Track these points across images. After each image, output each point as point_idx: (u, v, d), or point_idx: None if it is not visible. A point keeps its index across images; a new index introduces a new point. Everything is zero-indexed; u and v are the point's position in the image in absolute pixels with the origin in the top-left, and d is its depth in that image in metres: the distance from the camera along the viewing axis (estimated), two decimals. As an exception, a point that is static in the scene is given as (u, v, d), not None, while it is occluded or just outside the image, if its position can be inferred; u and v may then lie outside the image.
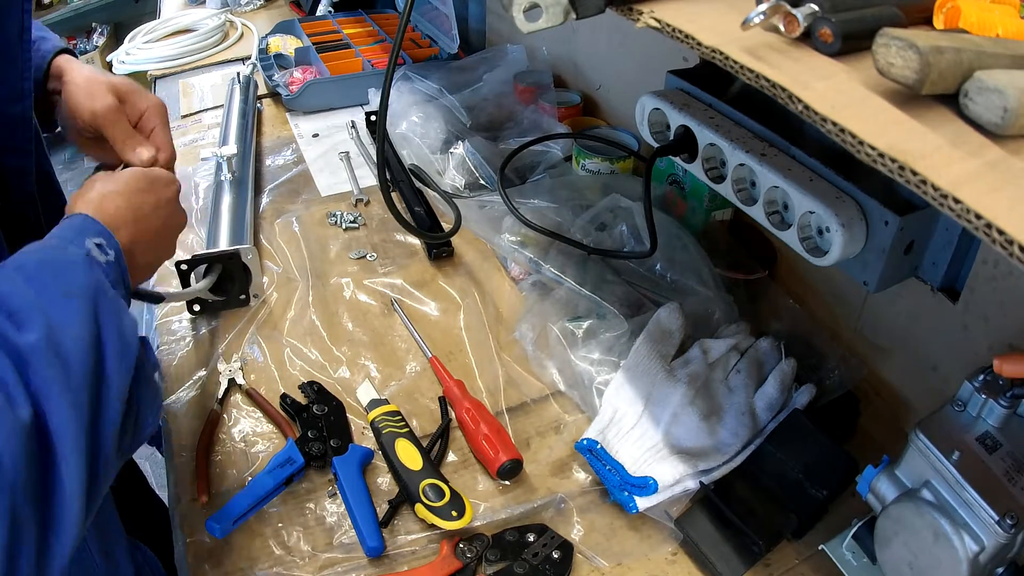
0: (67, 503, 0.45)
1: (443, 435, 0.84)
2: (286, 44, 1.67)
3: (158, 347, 0.94)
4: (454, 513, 0.73)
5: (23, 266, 0.52)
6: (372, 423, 0.83)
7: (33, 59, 0.77)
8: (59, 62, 0.79)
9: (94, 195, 0.64)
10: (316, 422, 0.83)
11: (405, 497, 0.76)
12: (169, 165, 0.78)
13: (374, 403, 0.85)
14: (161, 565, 0.86)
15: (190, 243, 1.11)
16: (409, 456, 0.78)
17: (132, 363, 0.53)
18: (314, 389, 0.87)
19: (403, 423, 0.82)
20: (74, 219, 0.60)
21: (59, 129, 0.84)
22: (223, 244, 0.99)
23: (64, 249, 0.55)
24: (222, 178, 1.12)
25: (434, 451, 0.82)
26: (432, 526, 0.74)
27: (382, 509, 0.75)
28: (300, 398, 0.86)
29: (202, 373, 0.90)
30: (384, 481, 0.80)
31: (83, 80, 0.77)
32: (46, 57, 0.79)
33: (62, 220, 0.60)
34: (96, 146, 0.78)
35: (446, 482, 0.76)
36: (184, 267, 0.93)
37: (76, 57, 0.83)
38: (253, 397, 0.87)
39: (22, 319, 0.47)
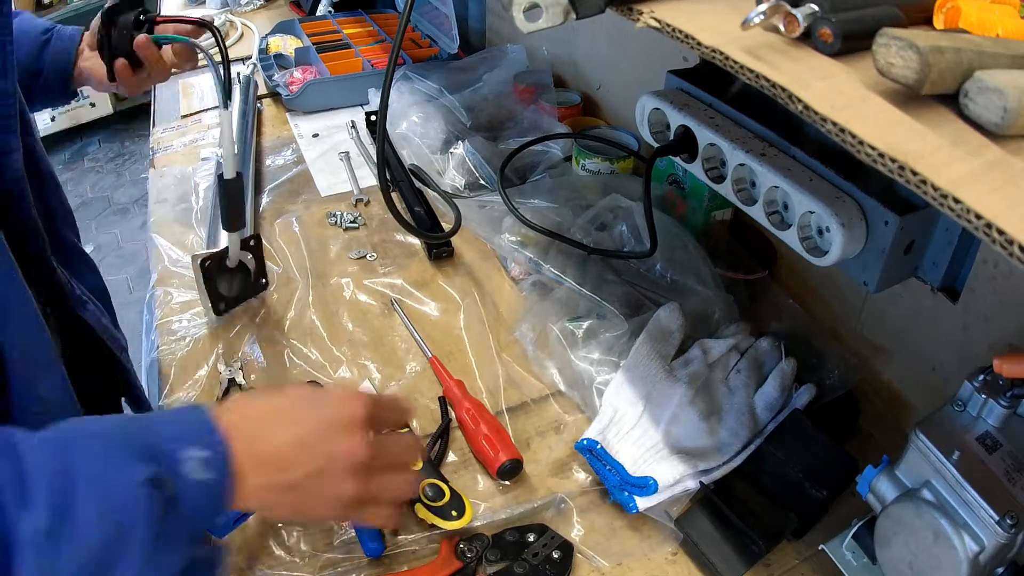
0: None
1: (443, 435, 0.84)
2: (286, 44, 1.67)
3: (158, 347, 0.94)
4: (454, 513, 0.73)
5: (77, 444, 0.46)
6: None
7: (58, 39, 0.93)
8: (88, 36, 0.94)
9: (239, 400, 0.56)
10: None
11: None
12: (390, 412, 0.62)
13: None
14: None
15: (190, 243, 1.11)
16: None
17: None
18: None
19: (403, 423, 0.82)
20: (190, 414, 0.51)
21: (76, 98, 1.02)
22: (223, 243, 0.99)
23: (139, 455, 0.46)
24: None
25: (434, 451, 0.82)
26: (432, 526, 0.74)
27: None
28: None
29: (202, 373, 0.90)
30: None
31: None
32: (76, 35, 0.96)
33: (184, 407, 0.53)
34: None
35: (446, 482, 0.76)
36: (208, 262, 0.93)
37: None
38: (253, 397, 0.87)
39: (35, 505, 0.42)
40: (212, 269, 0.94)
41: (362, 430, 0.56)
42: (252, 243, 0.97)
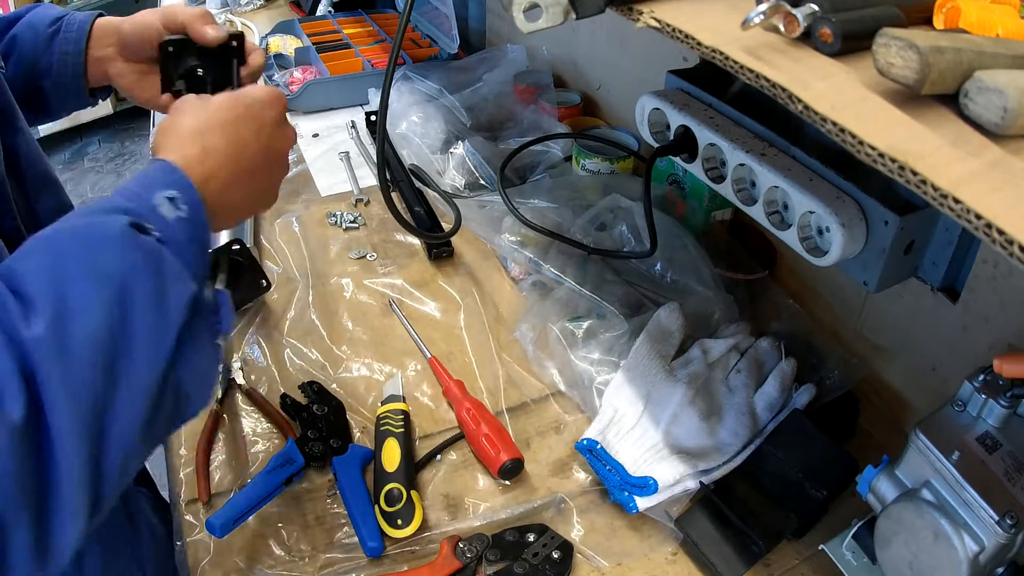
0: (64, 503, 0.43)
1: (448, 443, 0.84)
2: (286, 44, 1.67)
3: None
4: (399, 521, 0.73)
5: (53, 238, 0.47)
6: (377, 416, 0.83)
7: (67, 31, 0.77)
8: (102, 21, 0.78)
9: (183, 129, 0.57)
10: (316, 422, 0.83)
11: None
12: (257, 70, 0.71)
13: (392, 398, 0.86)
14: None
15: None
16: (389, 457, 0.78)
17: (169, 347, 0.48)
18: (314, 389, 0.87)
19: (403, 424, 0.82)
20: (150, 168, 0.53)
21: (99, 101, 0.83)
22: (223, 242, 0.99)
23: (107, 216, 0.49)
24: None
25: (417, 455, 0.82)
26: (431, 526, 0.74)
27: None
28: (300, 398, 0.86)
29: (202, 373, 0.90)
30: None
31: (134, 19, 0.76)
32: (85, 23, 0.77)
33: (146, 166, 0.55)
34: (151, 80, 0.76)
35: (413, 488, 0.76)
36: (171, 48, 0.83)
37: None
38: (253, 397, 0.87)
39: (34, 306, 0.43)
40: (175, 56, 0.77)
41: (286, 119, 0.65)
42: (236, 247, 0.93)
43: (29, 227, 0.71)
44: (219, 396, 0.87)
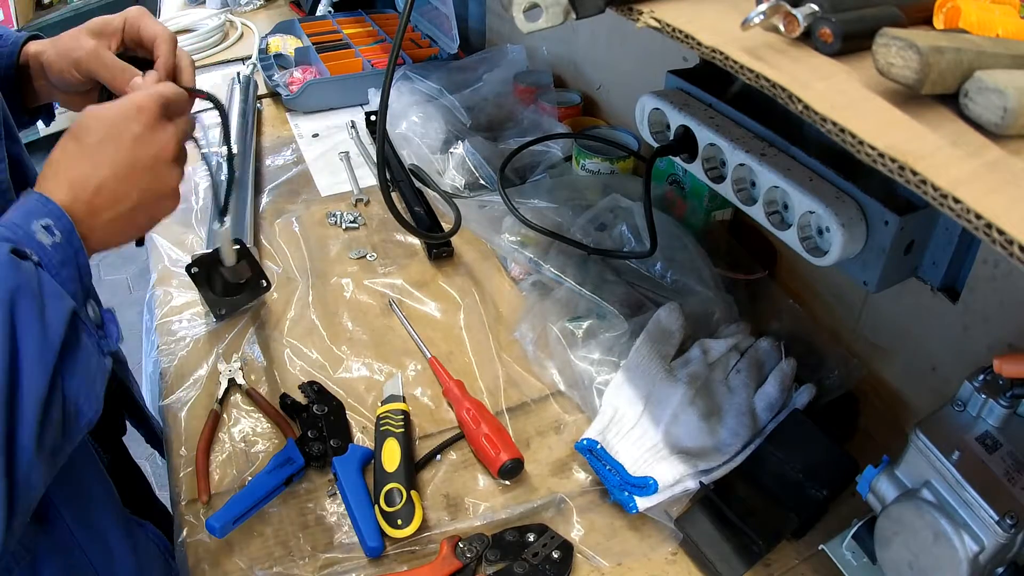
0: None
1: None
2: (286, 44, 1.67)
3: (158, 347, 0.94)
4: (399, 521, 0.73)
5: None
6: (377, 416, 0.83)
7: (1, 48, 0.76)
8: (32, 45, 0.77)
9: (55, 160, 0.60)
10: (316, 422, 0.83)
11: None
12: (177, 97, 0.68)
13: (391, 398, 0.86)
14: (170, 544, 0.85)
15: (190, 243, 1.11)
16: (389, 457, 0.78)
17: (51, 362, 0.51)
18: (314, 389, 0.87)
19: (403, 424, 0.82)
20: (27, 199, 0.57)
21: (39, 121, 0.83)
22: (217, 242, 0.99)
23: None
24: (222, 178, 1.12)
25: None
26: (431, 526, 0.74)
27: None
28: (300, 398, 0.86)
29: (202, 373, 0.90)
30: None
31: (60, 39, 0.75)
32: (17, 42, 0.76)
33: (21, 196, 0.58)
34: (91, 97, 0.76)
35: (413, 488, 0.76)
36: (195, 270, 0.93)
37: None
38: (253, 397, 0.87)
39: None
40: (202, 275, 0.93)
41: (161, 126, 0.64)
42: (239, 247, 0.94)
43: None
44: (219, 397, 0.87)
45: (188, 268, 0.93)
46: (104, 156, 0.61)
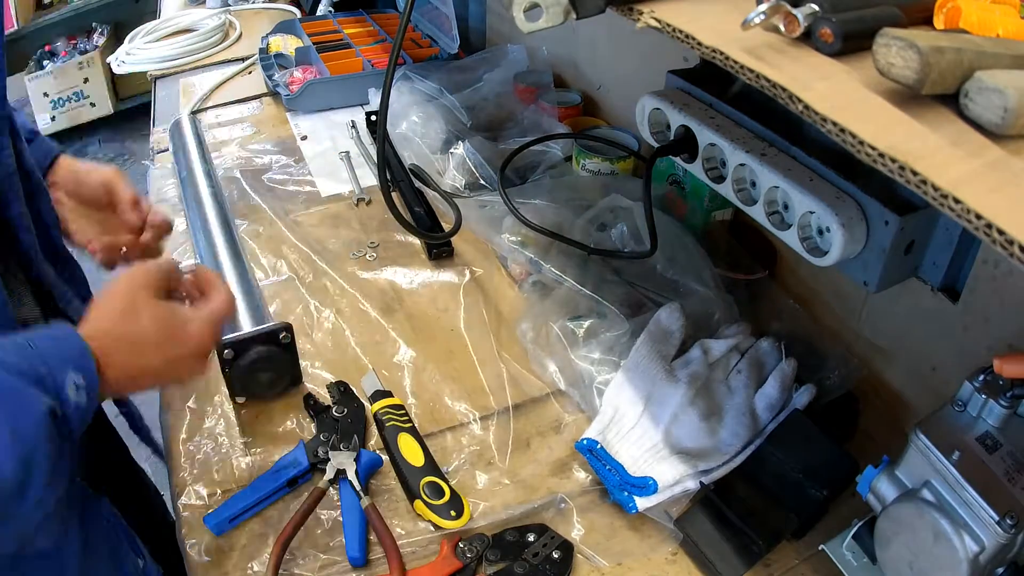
0: None
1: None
2: (286, 44, 1.67)
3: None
4: (452, 513, 0.73)
5: None
6: (376, 415, 0.83)
7: (41, 148, 0.82)
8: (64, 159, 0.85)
9: (101, 309, 0.63)
10: (333, 425, 0.82)
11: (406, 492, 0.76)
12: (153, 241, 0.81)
13: (378, 394, 0.86)
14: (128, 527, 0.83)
15: (190, 243, 1.11)
16: (411, 452, 0.78)
17: (47, 511, 0.54)
18: (340, 390, 0.87)
19: (406, 417, 0.82)
20: (72, 341, 0.58)
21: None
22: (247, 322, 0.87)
23: (28, 390, 0.53)
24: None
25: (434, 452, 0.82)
26: (431, 525, 0.74)
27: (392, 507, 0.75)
28: (325, 397, 0.86)
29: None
30: (392, 484, 0.79)
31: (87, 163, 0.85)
32: (51, 152, 0.84)
33: (63, 327, 0.59)
34: (90, 225, 0.83)
35: (447, 481, 0.76)
36: (229, 354, 0.81)
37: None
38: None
39: None
40: (231, 362, 0.82)
41: (208, 358, 0.69)
42: (284, 337, 0.83)
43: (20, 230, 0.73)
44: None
45: (221, 350, 0.81)
46: (156, 351, 0.63)
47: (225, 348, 0.81)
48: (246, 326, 0.85)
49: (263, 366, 0.83)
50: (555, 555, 0.71)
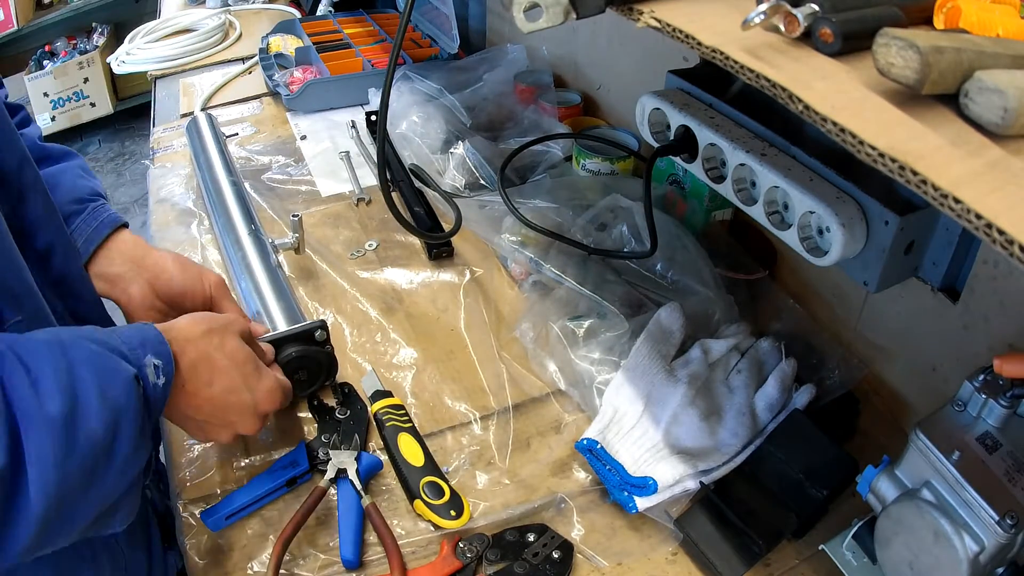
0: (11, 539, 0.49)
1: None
2: (286, 44, 1.67)
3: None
4: (452, 512, 0.73)
5: (73, 346, 0.54)
6: (376, 415, 0.83)
7: (93, 217, 0.79)
8: (125, 234, 0.82)
9: (181, 323, 0.66)
10: (335, 426, 0.82)
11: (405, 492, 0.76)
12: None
13: (378, 394, 0.86)
14: None
15: (190, 243, 1.11)
16: (411, 452, 0.78)
17: (131, 480, 0.56)
18: (344, 391, 0.87)
19: (406, 417, 0.82)
20: (150, 331, 0.61)
21: None
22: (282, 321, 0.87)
23: (114, 357, 0.56)
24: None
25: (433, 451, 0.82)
26: (431, 525, 0.74)
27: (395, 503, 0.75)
28: (330, 398, 0.86)
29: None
30: (392, 484, 0.79)
31: (169, 253, 0.83)
32: (114, 222, 0.81)
33: (142, 323, 0.62)
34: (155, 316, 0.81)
35: (446, 481, 0.76)
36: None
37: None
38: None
39: (47, 390, 0.50)
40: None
41: (265, 420, 0.73)
42: (319, 335, 0.83)
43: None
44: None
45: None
46: (226, 384, 0.66)
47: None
48: (281, 325, 0.85)
49: (301, 364, 0.82)
50: (555, 555, 0.71)
